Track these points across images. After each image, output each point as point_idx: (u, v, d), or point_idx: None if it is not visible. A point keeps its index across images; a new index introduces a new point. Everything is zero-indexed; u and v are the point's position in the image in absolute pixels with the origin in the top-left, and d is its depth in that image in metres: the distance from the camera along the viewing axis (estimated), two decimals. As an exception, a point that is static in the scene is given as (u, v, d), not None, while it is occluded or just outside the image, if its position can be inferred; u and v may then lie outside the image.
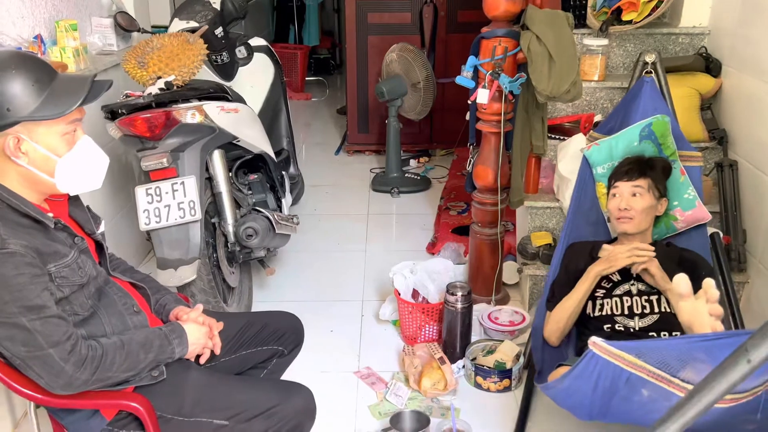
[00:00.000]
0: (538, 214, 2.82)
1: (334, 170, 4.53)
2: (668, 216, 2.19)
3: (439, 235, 3.37)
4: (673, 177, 2.17)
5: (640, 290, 2.01)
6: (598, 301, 2.05)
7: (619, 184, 2.08)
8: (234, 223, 2.47)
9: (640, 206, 2.04)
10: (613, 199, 2.09)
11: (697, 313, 1.33)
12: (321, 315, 2.73)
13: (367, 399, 2.25)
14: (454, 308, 2.36)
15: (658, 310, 1.98)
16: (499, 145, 2.59)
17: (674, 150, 2.21)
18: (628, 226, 2.06)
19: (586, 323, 2.06)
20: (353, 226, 3.64)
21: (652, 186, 2.06)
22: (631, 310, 1.99)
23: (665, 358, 1.23)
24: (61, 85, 1.40)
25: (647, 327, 1.97)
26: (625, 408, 1.47)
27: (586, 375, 1.41)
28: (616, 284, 2.04)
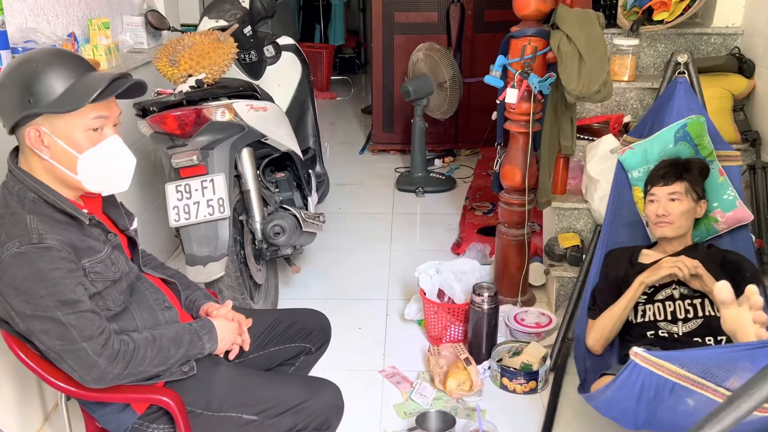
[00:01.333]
0: (565, 215, 2.79)
1: (358, 169, 4.53)
2: (709, 218, 2.15)
3: (464, 236, 3.36)
4: (711, 178, 2.13)
5: (683, 294, 1.97)
6: (640, 307, 2.01)
7: (655, 190, 2.05)
8: (261, 221, 2.48)
9: (678, 211, 2.01)
10: (651, 205, 2.06)
11: (740, 321, 1.30)
12: (346, 313, 2.73)
13: (392, 398, 2.25)
14: (481, 309, 2.35)
15: (702, 314, 1.93)
16: (527, 145, 2.57)
17: (711, 150, 2.17)
18: (666, 230, 2.03)
19: (628, 330, 2.03)
20: (378, 225, 3.64)
21: (689, 189, 2.02)
22: (675, 315, 1.95)
23: (709, 367, 1.21)
24: (87, 81, 1.39)
25: (691, 332, 1.93)
26: (672, 417, 1.45)
27: (629, 385, 1.39)
28: (658, 289, 2.01)
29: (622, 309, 2.00)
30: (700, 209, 2.08)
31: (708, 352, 1.26)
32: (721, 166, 2.20)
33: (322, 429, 1.55)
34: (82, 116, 1.39)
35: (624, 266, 2.11)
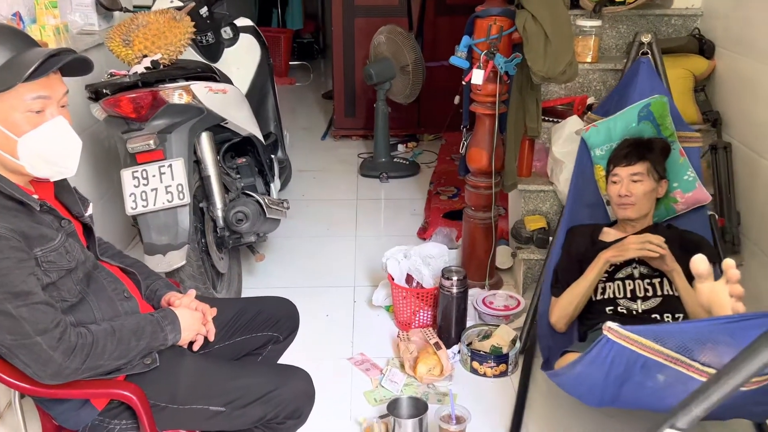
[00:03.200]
0: (531, 197, 2.78)
1: (321, 155, 4.46)
2: (668, 198, 2.17)
3: (430, 220, 3.33)
4: (672, 158, 2.15)
5: (642, 273, 1.99)
6: (600, 284, 2.03)
7: (618, 171, 2.05)
8: (223, 208, 2.41)
9: (640, 191, 2.02)
10: (613, 186, 2.07)
11: (717, 295, 1.29)
12: (313, 301, 2.68)
13: (362, 385, 2.21)
14: (450, 293, 2.32)
15: (661, 293, 1.96)
16: (494, 127, 2.54)
17: (673, 131, 2.18)
18: (629, 211, 2.04)
19: (588, 307, 2.04)
20: (342, 211, 3.58)
21: (651, 169, 2.03)
22: (634, 293, 1.97)
23: (684, 342, 1.20)
24: (23, 58, 1.28)
25: (650, 309, 1.96)
26: (637, 394, 1.44)
27: (599, 361, 1.38)
28: (619, 268, 2.02)
29: (587, 286, 2.00)
30: (661, 189, 2.09)
31: (685, 326, 1.25)
32: (682, 147, 2.22)
33: (293, 417, 1.50)
34: (20, 96, 1.29)
35: (585, 243, 2.12)
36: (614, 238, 2.09)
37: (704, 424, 1.95)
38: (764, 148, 2.43)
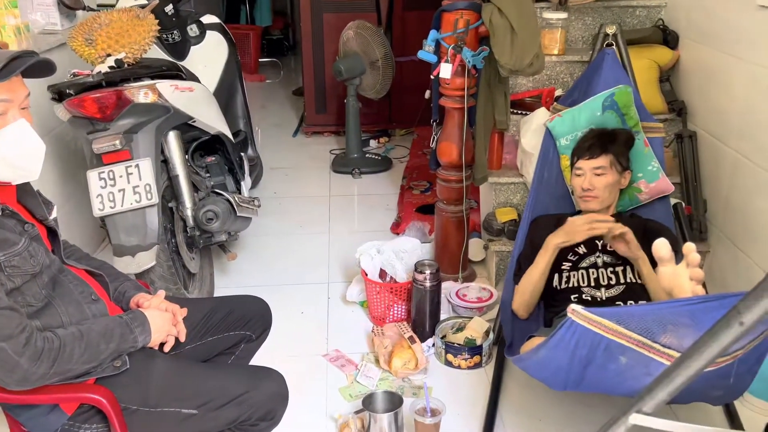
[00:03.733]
0: (502, 190, 2.80)
1: (292, 152, 4.44)
2: (632, 188, 2.20)
3: (403, 215, 3.34)
4: (637, 149, 2.18)
5: (606, 262, 2.02)
6: (564, 273, 2.06)
7: (581, 164, 2.07)
8: (193, 207, 2.38)
9: (603, 184, 2.04)
10: (577, 178, 2.09)
11: (677, 278, 1.32)
12: (286, 299, 2.67)
13: (337, 382, 2.21)
14: (423, 286, 2.33)
15: (624, 281, 1.99)
16: (463, 121, 2.55)
17: (637, 120, 2.21)
18: (592, 204, 2.07)
19: (553, 295, 2.07)
20: (315, 208, 3.57)
21: (614, 162, 2.05)
22: (598, 281, 2.00)
23: (646, 324, 1.22)
24: None
25: (614, 297, 1.99)
26: (599, 376, 1.46)
27: (563, 344, 1.39)
28: (582, 257, 2.05)
29: (540, 272, 2.03)
30: (625, 180, 2.11)
31: (647, 308, 1.27)
32: (646, 137, 2.25)
33: (266, 419, 1.49)
34: None
35: (549, 233, 2.13)
36: None
37: (672, 408, 1.99)
38: (728, 137, 2.47)
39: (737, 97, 2.39)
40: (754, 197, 2.30)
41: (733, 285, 2.44)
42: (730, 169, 2.47)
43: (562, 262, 2.07)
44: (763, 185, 2.24)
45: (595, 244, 2.05)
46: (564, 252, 2.07)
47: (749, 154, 2.33)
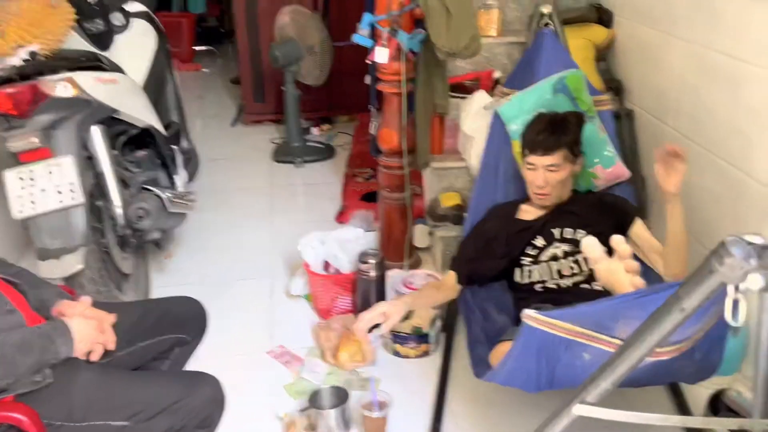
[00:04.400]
0: (445, 175, 2.77)
1: (231, 143, 4.32)
2: (588, 173, 2.19)
3: (347, 204, 3.27)
4: (593, 134, 2.16)
5: (566, 252, 2.00)
6: (526, 268, 2.03)
7: (533, 159, 2.02)
8: (121, 205, 2.26)
9: (556, 180, 2.02)
10: (529, 173, 2.05)
11: (614, 274, 1.29)
12: (229, 296, 2.58)
13: (283, 379, 2.14)
14: (368, 276, 2.28)
15: (587, 269, 1.96)
16: (402, 106, 2.50)
17: (590, 105, 2.19)
18: (545, 201, 2.06)
19: (518, 289, 2.04)
20: (257, 200, 3.47)
21: (568, 155, 2.02)
22: (560, 273, 1.98)
23: (600, 320, 1.20)
24: None
25: (579, 282, 1.98)
26: (569, 373, 1.44)
27: (527, 350, 1.37)
28: (542, 249, 2.02)
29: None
30: (578, 166, 2.09)
31: (597, 306, 1.24)
32: (597, 112, 2.24)
33: (202, 427, 1.42)
34: None
35: (501, 222, 2.12)
36: (533, 216, 2.10)
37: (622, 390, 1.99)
38: (666, 115, 2.49)
39: (674, 75, 2.41)
40: (691, 175, 2.32)
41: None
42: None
43: (521, 257, 2.04)
44: (700, 163, 2.26)
45: (552, 234, 2.03)
46: (522, 246, 2.03)
47: (687, 132, 2.35)
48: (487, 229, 2.12)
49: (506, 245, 2.08)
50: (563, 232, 2.03)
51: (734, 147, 2.06)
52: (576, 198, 2.13)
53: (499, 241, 2.09)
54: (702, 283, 0.79)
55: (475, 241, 2.12)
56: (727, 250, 0.77)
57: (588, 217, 2.04)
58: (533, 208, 2.14)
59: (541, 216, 2.10)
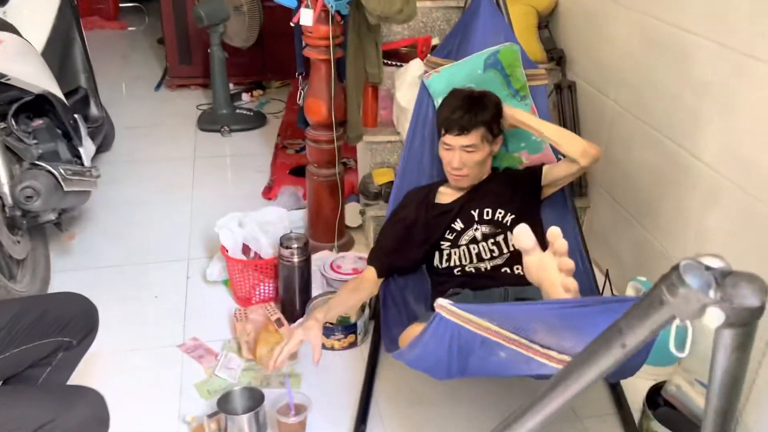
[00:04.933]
0: (378, 149, 2.59)
1: (155, 108, 4.01)
2: (513, 158, 2.05)
3: (275, 178, 3.05)
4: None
5: (485, 234, 1.87)
6: (445, 252, 1.90)
7: (449, 140, 1.87)
8: (9, 183, 2.00)
9: (474, 161, 1.89)
10: (445, 152, 1.90)
11: (545, 270, 1.14)
12: (139, 281, 2.36)
13: (194, 376, 1.95)
14: (290, 263, 2.09)
15: (507, 250, 1.87)
16: (330, 73, 2.29)
17: (524, 83, 2.03)
18: (463, 183, 1.92)
19: (436, 273, 1.91)
20: (178, 172, 3.22)
21: (485, 135, 1.88)
22: (480, 256, 1.86)
23: (519, 323, 1.05)
24: None
25: (498, 266, 1.86)
26: (483, 366, 1.31)
27: (437, 340, 1.23)
28: (461, 233, 1.89)
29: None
30: (497, 146, 1.95)
31: (516, 308, 1.09)
32: (532, 89, 2.09)
33: (79, 450, 1.22)
34: None
35: (419, 208, 1.96)
36: (450, 198, 1.97)
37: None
38: (608, 87, 2.36)
39: (618, 46, 2.27)
40: (633, 151, 2.21)
41: (613, 241, 2.37)
42: (610, 121, 2.36)
43: (440, 241, 1.90)
44: (642, 138, 2.15)
45: (472, 216, 1.90)
46: (441, 230, 1.90)
47: (629, 106, 2.22)
48: (405, 216, 1.96)
49: (425, 231, 1.93)
50: (482, 212, 1.91)
51: (680, 125, 1.95)
52: (495, 176, 1.99)
53: (418, 227, 1.94)
54: (648, 317, 0.64)
55: (393, 230, 1.95)
56: (680, 278, 0.61)
57: (506, 194, 1.93)
58: (451, 189, 1.99)
59: (459, 198, 1.96)
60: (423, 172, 2.12)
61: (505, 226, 1.89)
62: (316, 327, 1.70)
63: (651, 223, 2.13)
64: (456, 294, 1.85)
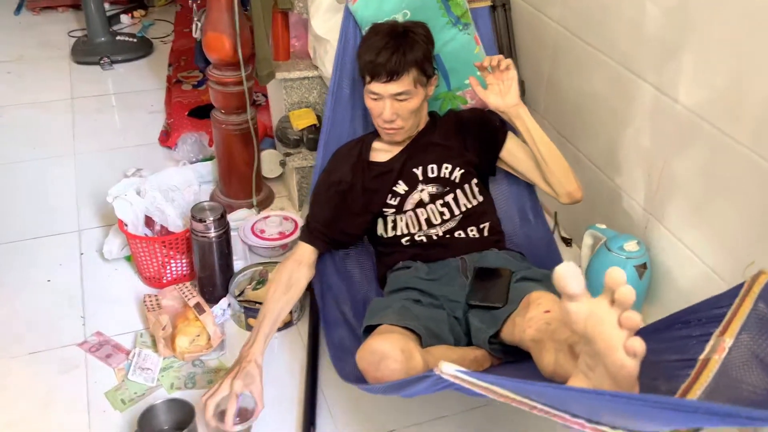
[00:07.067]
0: (294, 87, 2.24)
1: (16, 39, 3.39)
2: (456, 97, 1.78)
3: (173, 122, 2.62)
4: (465, 47, 1.73)
5: (432, 195, 1.64)
6: (390, 218, 1.66)
7: (377, 87, 1.57)
8: None
9: (408, 110, 1.60)
10: (373, 102, 1.61)
11: (600, 323, 0.87)
12: (22, 263, 1.97)
13: (102, 382, 1.63)
14: (206, 238, 1.77)
15: (459, 211, 1.66)
16: (233, 1, 1.89)
17: (466, 9, 1.73)
18: (396, 137, 1.65)
19: (381, 243, 1.67)
20: (53, 119, 2.72)
21: (418, 78, 1.58)
22: (429, 221, 1.64)
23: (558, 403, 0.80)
24: None
25: (450, 230, 1.65)
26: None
27: (429, 388, 0.99)
28: (405, 196, 1.65)
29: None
30: (431, 87, 1.67)
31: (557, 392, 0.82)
32: (472, 12, 1.81)
33: None
34: None
35: (354, 169, 1.69)
36: (388, 155, 1.71)
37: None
38: (549, 6, 2.10)
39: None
40: (578, 79, 1.99)
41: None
42: (552, 45, 2.12)
43: (383, 208, 1.64)
44: (588, 65, 1.93)
45: (414, 175, 1.65)
46: (382, 194, 1.65)
47: (574, 28, 1.98)
48: (339, 179, 1.68)
49: (364, 196, 1.67)
50: (426, 170, 1.67)
51: (643, 56, 1.73)
52: (435, 123, 1.74)
53: (355, 192, 1.67)
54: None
55: (327, 197, 1.67)
56: None
57: (452, 146, 1.69)
58: (386, 144, 1.72)
59: (397, 155, 1.70)
60: (354, 119, 1.82)
61: (454, 183, 1.66)
62: (257, 372, 1.43)
63: (606, 162, 1.95)
64: (407, 268, 1.61)
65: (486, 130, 1.73)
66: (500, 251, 1.64)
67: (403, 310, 1.46)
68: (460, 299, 1.51)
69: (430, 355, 1.34)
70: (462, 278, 1.56)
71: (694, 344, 1.04)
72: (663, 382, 1.03)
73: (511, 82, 1.61)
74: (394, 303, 1.48)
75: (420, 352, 1.30)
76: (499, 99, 1.62)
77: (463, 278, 1.56)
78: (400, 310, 1.45)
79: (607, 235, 1.79)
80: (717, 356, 0.99)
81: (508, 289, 1.47)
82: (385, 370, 1.24)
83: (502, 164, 1.77)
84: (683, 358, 1.04)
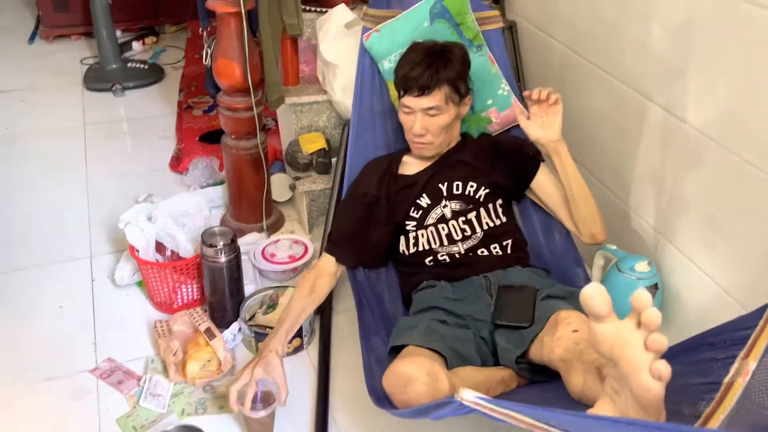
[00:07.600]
0: (304, 111, 2.26)
1: (30, 67, 3.45)
2: (481, 118, 1.79)
3: (183, 147, 2.65)
4: (482, 68, 1.74)
5: (455, 211, 1.66)
6: (411, 234, 1.67)
7: (409, 101, 1.60)
8: None
9: (438, 126, 1.63)
10: (405, 116, 1.64)
11: (626, 346, 0.87)
12: (31, 290, 1.98)
13: (114, 408, 1.63)
14: (216, 263, 1.77)
15: (480, 228, 1.67)
16: (242, 28, 1.92)
17: (477, 32, 1.75)
18: (426, 151, 1.67)
19: (403, 261, 1.69)
20: (66, 144, 2.76)
21: (450, 94, 1.61)
22: (451, 237, 1.65)
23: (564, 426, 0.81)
24: None
25: (473, 247, 1.66)
26: None
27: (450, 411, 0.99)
28: (427, 210, 1.66)
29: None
30: (465, 107, 1.70)
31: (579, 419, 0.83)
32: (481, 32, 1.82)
33: None
34: None
35: (381, 181, 1.72)
36: (417, 168, 1.74)
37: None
38: (555, 28, 2.12)
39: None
40: (586, 99, 2.00)
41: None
42: (559, 65, 2.13)
43: (405, 221, 1.66)
44: (595, 85, 1.93)
45: (439, 190, 1.67)
46: (405, 205, 1.67)
47: (580, 49, 1.99)
48: (366, 192, 1.71)
49: (388, 208, 1.69)
50: (451, 186, 1.68)
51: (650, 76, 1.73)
52: (466, 143, 1.76)
53: (380, 204, 1.70)
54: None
55: (353, 209, 1.70)
56: None
57: (481, 166, 1.70)
58: (416, 159, 1.75)
59: (425, 169, 1.73)
60: (377, 143, 1.86)
61: (478, 202, 1.68)
62: (277, 361, 1.44)
63: (615, 182, 1.95)
64: (431, 287, 1.62)
65: (520, 158, 1.74)
66: (524, 268, 1.64)
67: (429, 330, 1.46)
68: (486, 318, 1.51)
69: (456, 376, 1.34)
70: (487, 297, 1.56)
71: (719, 367, 1.03)
72: (686, 406, 1.02)
73: (556, 116, 1.61)
74: (419, 323, 1.49)
75: (446, 374, 1.31)
76: (540, 132, 1.62)
77: (487, 297, 1.56)
78: (426, 331, 1.45)
79: (618, 256, 1.78)
80: (741, 379, 0.98)
81: (534, 307, 1.47)
82: (412, 392, 1.25)
83: (531, 194, 1.79)
84: (707, 381, 1.04)
